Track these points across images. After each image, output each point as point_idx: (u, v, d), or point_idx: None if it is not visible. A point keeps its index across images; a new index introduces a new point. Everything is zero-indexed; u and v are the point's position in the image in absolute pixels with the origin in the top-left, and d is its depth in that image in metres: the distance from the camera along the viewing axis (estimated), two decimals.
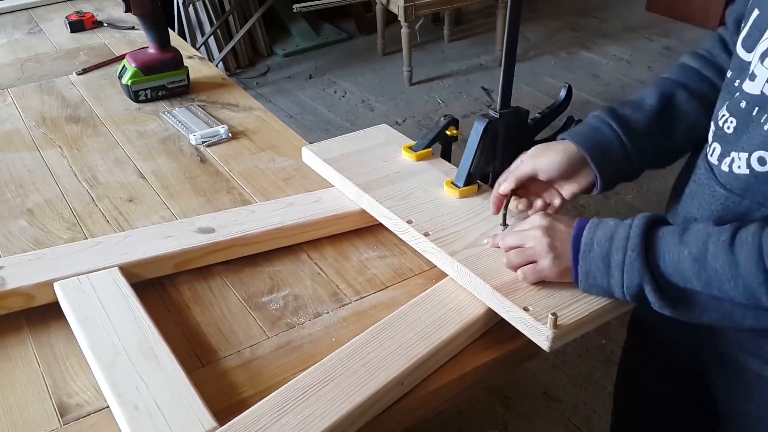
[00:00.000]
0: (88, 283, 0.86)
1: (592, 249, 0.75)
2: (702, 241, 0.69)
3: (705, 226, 0.70)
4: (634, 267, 0.72)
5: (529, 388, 1.85)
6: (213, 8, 3.52)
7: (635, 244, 0.72)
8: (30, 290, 0.85)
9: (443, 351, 0.79)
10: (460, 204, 0.96)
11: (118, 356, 0.76)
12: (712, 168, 0.75)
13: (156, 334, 0.79)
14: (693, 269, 0.69)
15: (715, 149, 0.74)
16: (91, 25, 1.76)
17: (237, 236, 0.95)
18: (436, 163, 1.07)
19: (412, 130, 3.06)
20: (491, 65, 3.68)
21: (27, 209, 1.06)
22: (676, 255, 0.70)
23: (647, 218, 0.74)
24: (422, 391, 0.77)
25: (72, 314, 0.82)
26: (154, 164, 1.18)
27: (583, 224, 0.78)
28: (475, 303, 0.83)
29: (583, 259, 0.76)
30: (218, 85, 1.47)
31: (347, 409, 0.70)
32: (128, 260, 0.90)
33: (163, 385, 0.73)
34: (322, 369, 0.75)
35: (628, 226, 0.74)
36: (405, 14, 3.24)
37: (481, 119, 0.97)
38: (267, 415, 0.70)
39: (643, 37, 3.94)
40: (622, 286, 0.74)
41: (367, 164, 1.06)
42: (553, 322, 0.72)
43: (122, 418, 0.69)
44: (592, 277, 0.76)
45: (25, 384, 0.77)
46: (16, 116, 1.34)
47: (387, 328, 0.80)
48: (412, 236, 0.92)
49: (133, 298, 0.84)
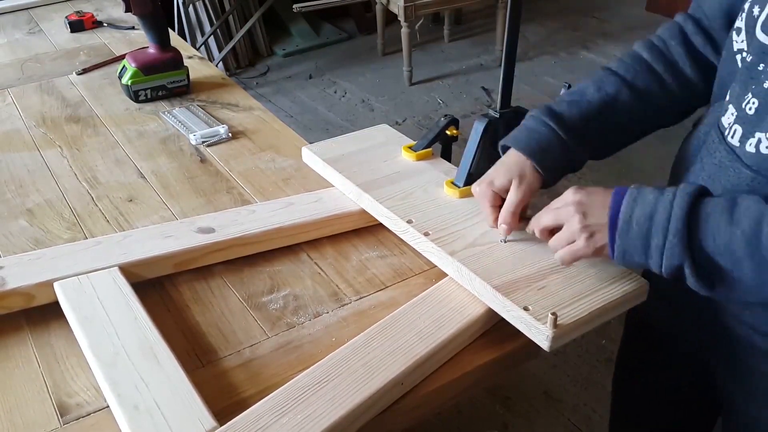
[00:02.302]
0: (88, 283, 0.86)
1: (630, 228, 0.71)
2: (755, 221, 0.65)
3: (756, 203, 0.66)
4: (675, 252, 0.69)
5: (529, 388, 1.85)
6: (213, 8, 3.52)
7: (677, 229, 0.68)
8: (30, 290, 0.85)
9: (443, 351, 0.79)
10: (460, 204, 0.96)
11: (118, 356, 0.76)
12: (734, 150, 0.72)
13: (156, 334, 0.79)
14: (746, 251, 0.65)
15: (736, 131, 0.72)
16: (91, 25, 1.76)
17: (237, 236, 0.95)
18: (436, 163, 1.07)
19: (412, 130, 3.06)
20: (491, 65, 3.68)
21: (27, 209, 1.06)
22: (728, 236, 0.66)
23: (690, 195, 0.69)
24: (422, 391, 0.77)
25: (72, 314, 0.82)
26: (154, 164, 1.18)
27: (620, 197, 0.73)
28: (475, 303, 0.83)
29: (621, 238, 0.72)
30: (218, 85, 1.47)
31: (347, 409, 0.70)
32: (128, 260, 0.89)
33: (163, 384, 0.73)
34: (321, 369, 0.75)
35: (669, 204, 0.69)
36: (405, 14, 3.24)
37: (481, 119, 0.97)
38: (267, 414, 0.69)
39: (643, 37, 3.93)
40: (660, 266, 0.71)
41: (367, 164, 1.06)
42: (552, 322, 0.72)
43: (122, 418, 0.69)
44: (629, 255, 0.73)
45: (25, 384, 0.77)
46: (16, 116, 1.34)
47: (387, 328, 0.80)
48: (412, 236, 0.92)
49: (133, 298, 0.84)
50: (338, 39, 4.00)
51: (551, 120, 0.87)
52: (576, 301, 0.77)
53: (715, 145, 0.76)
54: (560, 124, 0.87)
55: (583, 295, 0.78)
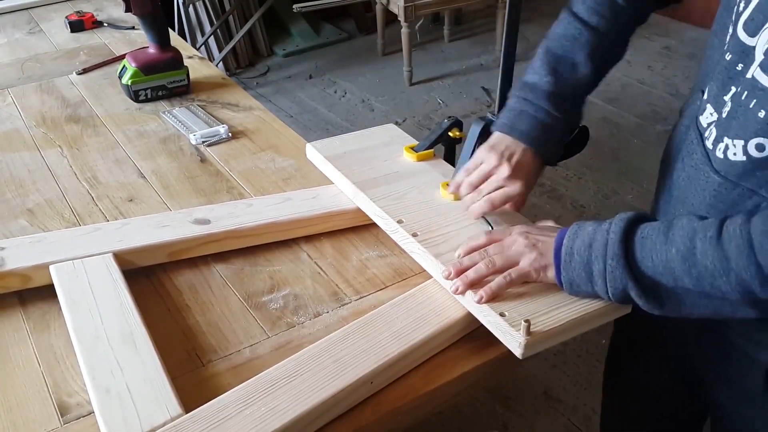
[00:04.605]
0: (81, 268, 0.88)
1: (573, 258, 0.75)
2: (689, 238, 0.67)
3: (689, 222, 0.69)
4: (616, 275, 0.71)
5: (529, 388, 1.85)
6: (213, 8, 3.52)
7: (614, 253, 0.71)
8: (27, 272, 0.88)
9: (417, 352, 0.78)
10: (454, 206, 0.96)
11: (98, 340, 0.78)
12: (708, 153, 0.73)
13: (138, 320, 0.80)
14: (683, 267, 0.67)
15: (711, 133, 0.72)
16: (91, 25, 1.76)
17: (231, 228, 0.95)
18: (436, 165, 1.07)
19: (412, 130, 3.06)
20: (491, 65, 3.68)
21: (27, 209, 1.06)
22: (665, 254, 0.69)
23: (625, 221, 0.72)
24: (422, 390, 0.77)
25: (62, 297, 0.84)
26: (154, 164, 1.18)
27: (564, 233, 0.77)
28: (455, 306, 0.82)
29: (565, 269, 0.75)
30: (218, 85, 1.47)
31: (311, 404, 0.70)
32: (123, 247, 0.91)
33: (137, 370, 0.74)
34: (293, 363, 0.75)
35: (605, 232, 0.73)
36: (405, 14, 3.24)
37: (478, 121, 0.97)
38: (232, 405, 0.70)
39: (643, 37, 3.94)
40: (606, 292, 0.73)
41: (367, 163, 1.06)
42: (526, 329, 0.72)
43: (94, 400, 0.71)
44: (576, 285, 0.75)
45: (25, 384, 0.77)
46: (16, 116, 1.34)
47: (363, 327, 0.80)
48: (401, 236, 0.92)
49: (122, 285, 0.86)
50: (338, 39, 4.00)
51: (545, 101, 0.88)
52: (554, 309, 0.76)
53: (693, 146, 0.77)
54: (556, 104, 0.88)
55: (563, 304, 0.77)
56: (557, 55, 0.90)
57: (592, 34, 0.89)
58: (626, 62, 3.65)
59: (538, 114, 0.89)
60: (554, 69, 0.89)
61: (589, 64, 0.89)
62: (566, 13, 0.92)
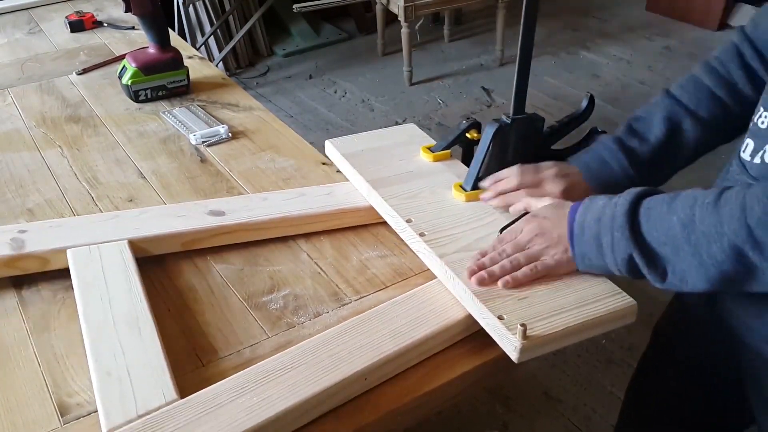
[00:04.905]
0: (97, 253, 0.91)
1: (584, 232, 0.77)
2: (689, 206, 0.68)
3: (693, 191, 0.70)
4: (621, 245, 0.73)
5: (529, 388, 1.85)
6: (213, 8, 3.52)
7: (620, 224, 0.73)
8: (45, 255, 0.91)
9: (414, 351, 0.78)
10: (464, 208, 0.95)
11: (105, 323, 0.80)
12: (744, 164, 0.75)
13: (145, 306, 0.83)
14: (683, 235, 0.68)
15: (748, 145, 0.75)
16: (91, 25, 1.76)
17: (245, 221, 0.97)
18: (452, 165, 1.06)
19: None
20: (491, 65, 3.68)
21: (27, 209, 1.06)
22: (667, 223, 0.69)
23: (633, 195, 0.74)
24: (422, 390, 0.77)
25: (76, 280, 0.87)
26: (154, 164, 1.18)
27: (576, 207, 0.79)
28: (456, 307, 0.82)
29: (577, 244, 0.78)
30: (218, 85, 1.47)
31: (304, 396, 0.71)
32: (138, 235, 0.94)
33: (138, 355, 0.76)
34: (289, 355, 0.76)
35: (614, 205, 0.75)
36: (405, 14, 3.24)
37: (492, 123, 0.96)
38: (226, 393, 0.71)
39: (643, 37, 3.94)
40: (615, 264, 0.74)
41: (382, 161, 1.06)
42: (522, 333, 0.71)
43: (95, 382, 0.73)
44: (588, 259, 0.77)
45: (25, 384, 0.77)
46: (16, 116, 1.34)
47: (362, 323, 0.81)
48: (408, 235, 0.92)
49: (134, 271, 0.88)
50: (338, 39, 4.00)
51: (625, 156, 0.90)
52: (554, 315, 0.76)
53: (732, 161, 0.79)
54: (632, 161, 0.89)
55: (564, 310, 0.76)
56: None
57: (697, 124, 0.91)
58: (626, 62, 3.66)
59: (619, 170, 0.91)
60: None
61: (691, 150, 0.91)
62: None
